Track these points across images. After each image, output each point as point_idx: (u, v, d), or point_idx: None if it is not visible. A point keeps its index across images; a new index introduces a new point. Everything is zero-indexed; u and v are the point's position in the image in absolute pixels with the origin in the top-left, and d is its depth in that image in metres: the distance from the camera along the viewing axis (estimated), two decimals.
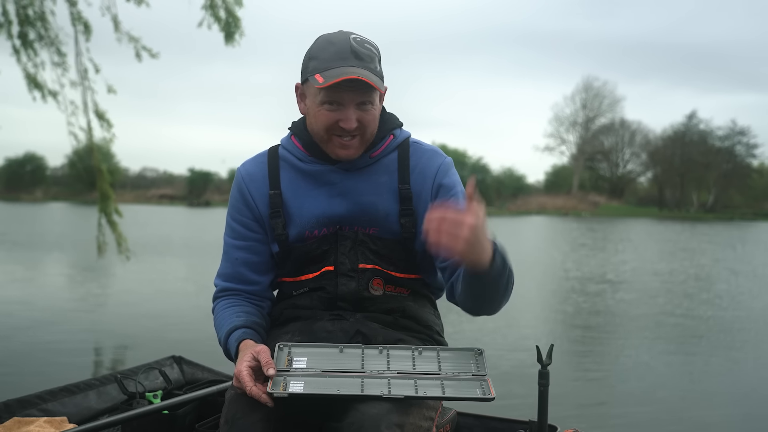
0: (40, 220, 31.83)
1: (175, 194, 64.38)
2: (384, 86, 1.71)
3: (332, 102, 1.63)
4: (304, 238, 1.72)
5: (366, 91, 1.63)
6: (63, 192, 57.44)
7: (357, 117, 1.64)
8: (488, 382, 1.52)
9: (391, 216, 1.72)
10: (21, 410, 2.10)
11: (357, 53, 1.62)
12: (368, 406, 1.43)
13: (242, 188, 1.78)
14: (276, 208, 1.74)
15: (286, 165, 1.77)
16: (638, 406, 5.52)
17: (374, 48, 1.67)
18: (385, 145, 1.75)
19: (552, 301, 11.57)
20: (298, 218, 1.73)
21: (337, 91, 1.61)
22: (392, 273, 1.72)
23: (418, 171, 1.74)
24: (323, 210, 1.71)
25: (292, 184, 1.75)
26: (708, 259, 19.63)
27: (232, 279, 1.79)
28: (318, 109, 1.65)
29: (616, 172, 71.34)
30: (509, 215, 51.48)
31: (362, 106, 1.64)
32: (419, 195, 1.72)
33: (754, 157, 66.41)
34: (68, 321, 8.45)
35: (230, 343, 1.67)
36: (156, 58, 8.19)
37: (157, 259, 15.59)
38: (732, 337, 8.66)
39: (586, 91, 71.18)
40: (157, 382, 2.39)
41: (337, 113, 1.63)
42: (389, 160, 1.75)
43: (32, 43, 8.08)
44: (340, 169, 1.72)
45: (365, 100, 1.64)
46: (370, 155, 1.73)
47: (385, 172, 1.74)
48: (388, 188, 1.73)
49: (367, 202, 1.71)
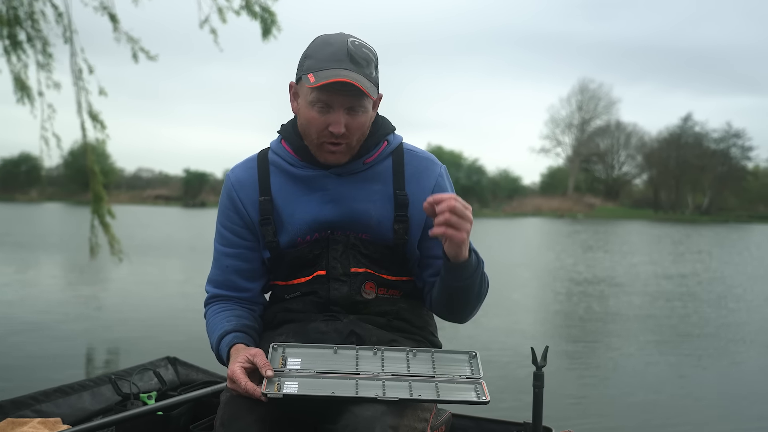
0: (36, 220, 31.76)
1: (171, 195, 64.29)
2: (378, 93, 1.68)
3: (322, 104, 1.61)
4: (295, 244, 1.71)
5: (357, 96, 1.60)
6: (58, 192, 57.31)
7: (345, 122, 1.61)
8: (483, 386, 1.52)
9: (384, 223, 1.70)
10: (15, 411, 2.09)
11: (353, 56, 1.60)
12: (363, 408, 1.43)
13: (232, 195, 1.75)
14: (266, 215, 1.71)
15: (276, 170, 1.74)
16: (634, 408, 5.53)
17: (372, 53, 1.65)
18: (379, 151, 1.73)
19: (547, 303, 11.59)
20: (289, 225, 1.71)
21: (328, 93, 1.59)
22: (384, 276, 1.72)
23: (415, 179, 1.73)
24: (315, 216, 1.69)
25: (283, 189, 1.72)
26: (706, 260, 19.69)
27: (223, 286, 1.78)
28: (309, 109, 1.63)
29: (611, 174, 71.56)
30: (504, 217, 51.54)
31: (352, 111, 1.62)
32: (415, 204, 1.70)
33: (749, 160, 66.73)
34: (62, 322, 8.42)
35: (222, 347, 1.65)
36: (154, 60, 8.14)
37: (152, 260, 15.56)
38: (731, 338, 8.69)
39: (582, 93, 71.45)
40: (151, 383, 2.38)
41: (326, 116, 1.61)
42: (383, 167, 1.73)
43: (21, 44, 8.03)
44: (332, 174, 1.70)
45: (355, 105, 1.61)
46: (363, 161, 1.71)
47: (379, 179, 1.72)
48: (383, 195, 1.71)
49: (359, 209, 1.69)
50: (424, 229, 1.71)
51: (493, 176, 62.48)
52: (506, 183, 63.71)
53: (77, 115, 8.11)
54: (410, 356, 1.59)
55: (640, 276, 15.18)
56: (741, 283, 14.85)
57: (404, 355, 1.59)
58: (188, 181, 63.89)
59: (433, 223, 1.50)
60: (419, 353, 1.60)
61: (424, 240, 1.72)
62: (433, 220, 1.51)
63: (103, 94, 8.10)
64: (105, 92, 8.11)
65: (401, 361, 1.57)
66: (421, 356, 1.59)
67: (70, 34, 7.92)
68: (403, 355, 1.59)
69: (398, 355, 1.59)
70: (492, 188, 60.41)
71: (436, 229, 1.49)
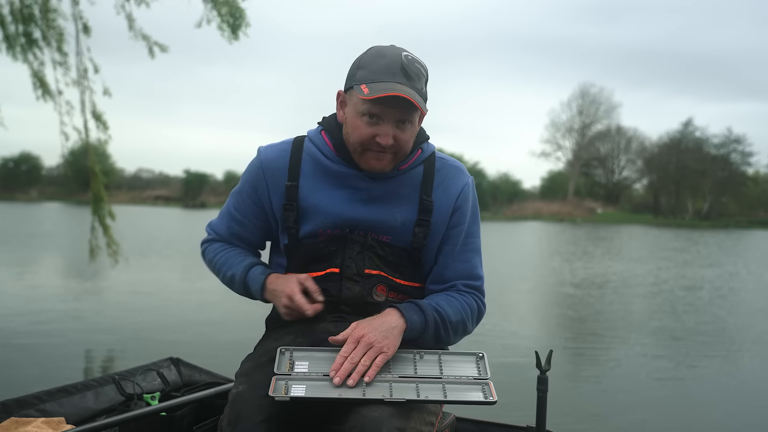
0: (36, 220, 31.73)
1: (171, 195, 64.34)
2: (426, 108, 1.69)
3: (373, 115, 1.61)
4: (314, 235, 1.72)
5: (408, 110, 1.61)
6: (58, 192, 57.34)
7: (394, 134, 1.62)
8: (490, 386, 1.53)
9: (408, 225, 1.72)
10: (19, 410, 2.09)
11: (406, 71, 1.60)
12: (370, 409, 1.44)
13: (259, 174, 1.76)
14: (291, 200, 1.73)
15: (309, 159, 1.75)
16: (636, 411, 5.53)
17: (423, 68, 1.65)
18: (413, 158, 1.74)
19: (551, 307, 11.58)
20: (312, 215, 1.72)
21: (381, 105, 1.59)
22: (396, 280, 1.73)
23: (443, 187, 1.75)
24: (341, 211, 1.70)
25: (312, 179, 1.73)
26: (706, 266, 19.69)
27: (224, 239, 1.87)
28: (357, 119, 1.63)
29: (611, 178, 71.66)
30: (505, 220, 51.55)
31: (401, 124, 1.63)
32: (439, 209, 1.73)
33: (749, 165, 66.88)
34: (66, 322, 8.40)
35: (252, 276, 1.75)
36: (166, 51, 8.18)
37: (155, 260, 15.55)
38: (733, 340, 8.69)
39: (583, 97, 71.62)
40: (154, 383, 2.38)
41: (375, 128, 1.62)
42: (415, 173, 1.75)
43: (36, 42, 8.06)
44: (365, 177, 1.71)
45: (406, 118, 1.62)
46: (398, 168, 1.72)
47: (410, 184, 1.73)
48: (410, 199, 1.73)
49: (386, 212, 1.71)
50: (442, 238, 1.74)
51: (493, 180, 62.68)
52: (506, 187, 63.86)
53: (81, 115, 8.12)
54: (417, 358, 1.60)
55: (641, 279, 15.17)
56: (742, 286, 14.85)
57: (411, 357, 1.59)
58: (188, 182, 63.99)
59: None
60: (426, 355, 1.61)
61: (438, 248, 1.75)
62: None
63: (108, 94, 8.11)
64: (110, 92, 8.12)
65: (408, 363, 1.58)
66: (429, 358, 1.60)
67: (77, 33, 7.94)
68: (410, 356, 1.60)
69: (406, 356, 1.59)
70: (492, 192, 60.50)
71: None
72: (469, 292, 1.75)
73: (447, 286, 1.75)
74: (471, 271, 1.77)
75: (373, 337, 1.53)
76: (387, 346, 1.54)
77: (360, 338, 1.53)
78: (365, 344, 1.52)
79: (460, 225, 1.76)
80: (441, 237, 1.74)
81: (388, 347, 1.54)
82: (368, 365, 1.50)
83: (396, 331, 1.57)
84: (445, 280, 1.75)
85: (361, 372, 1.49)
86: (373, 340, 1.53)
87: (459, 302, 1.71)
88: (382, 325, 1.57)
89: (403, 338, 1.59)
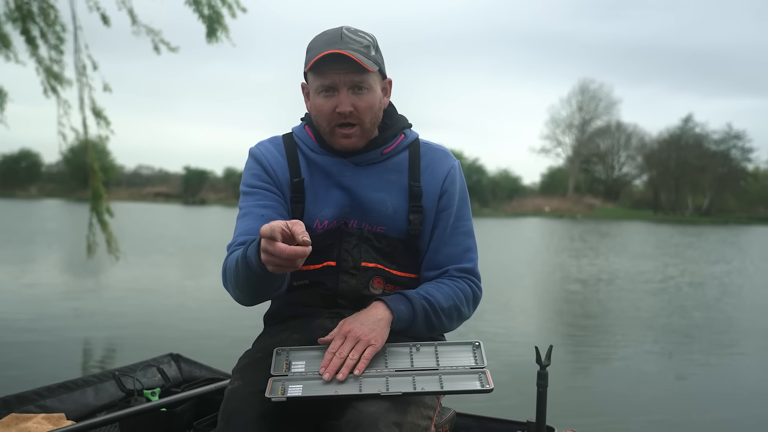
0: (37, 216, 31.73)
1: (170, 192, 64.32)
2: (384, 76, 1.69)
3: (326, 88, 1.61)
4: (312, 228, 1.71)
5: (357, 71, 1.60)
6: (58, 189, 57.34)
7: (352, 102, 1.61)
8: (487, 374, 1.52)
9: (400, 213, 1.72)
10: (19, 406, 2.09)
11: (347, 39, 1.60)
12: (366, 404, 1.43)
13: (263, 161, 1.74)
14: (299, 193, 1.72)
15: (301, 154, 1.76)
16: (636, 407, 5.53)
17: (368, 36, 1.65)
18: (397, 143, 1.75)
19: (551, 302, 11.59)
20: (312, 208, 1.72)
21: (327, 73, 1.59)
22: (393, 272, 1.73)
23: (429, 171, 1.75)
24: (334, 202, 1.71)
25: (307, 173, 1.74)
26: (707, 262, 19.70)
27: (254, 232, 1.61)
28: (316, 98, 1.64)
29: (611, 174, 71.66)
30: (504, 217, 51.55)
31: (358, 91, 1.62)
32: (428, 193, 1.73)
33: (749, 161, 66.94)
34: (66, 318, 8.41)
35: (251, 248, 1.45)
36: (175, 51, 8.13)
37: (155, 256, 15.55)
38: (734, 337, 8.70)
39: (582, 94, 71.58)
40: (155, 379, 2.38)
41: (332, 100, 1.62)
42: (400, 159, 1.75)
43: (34, 39, 8.03)
44: (351, 163, 1.71)
45: (358, 82, 1.61)
46: (381, 152, 1.73)
47: (396, 170, 1.74)
48: (398, 186, 1.73)
49: (376, 198, 1.71)
50: (433, 222, 1.74)
51: (493, 176, 62.68)
52: (506, 183, 63.82)
53: (80, 112, 8.10)
54: (414, 350, 1.59)
55: (642, 276, 15.18)
56: (744, 283, 14.86)
57: (408, 350, 1.59)
58: (188, 179, 63.95)
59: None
60: (423, 347, 1.60)
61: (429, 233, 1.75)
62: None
63: (108, 90, 8.08)
64: (110, 88, 8.10)
65: (405, 356, 1.58)
66: (425, 350, 1.60)
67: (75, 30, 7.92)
68: (406, 349, 1.59)
69: (402, 350, 1.59)
70: (492, 188, 60.51)
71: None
72: (462, 277, 1.74)
73: (440, 272, 1.74)
74: (463, 255, 1.76)
75: (359, 330, 1.53)
76: (374, 338, 1.53)
77: (347, 333, 1.53)
78: (353, 338, 1.52)
79: (448, 208, 1.75)
80: (432, 222, 1.74)
81: (375, 339, 1.53)
82: (357, 359, 1.50)
83: (383, 323, 1.57)
84: (438, 266, 1.75)
85: (350, 366, 1.49)
86: (360, 333, 1.53)
87: (450, 288, 1.71)
88: (368, 318, 1.57)
89: (393, 329, 1.59)
